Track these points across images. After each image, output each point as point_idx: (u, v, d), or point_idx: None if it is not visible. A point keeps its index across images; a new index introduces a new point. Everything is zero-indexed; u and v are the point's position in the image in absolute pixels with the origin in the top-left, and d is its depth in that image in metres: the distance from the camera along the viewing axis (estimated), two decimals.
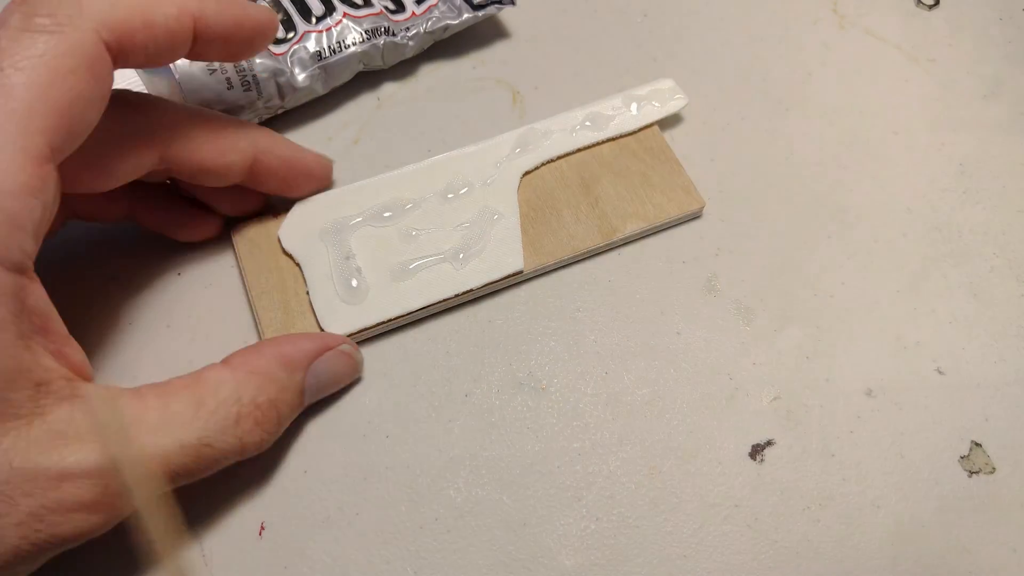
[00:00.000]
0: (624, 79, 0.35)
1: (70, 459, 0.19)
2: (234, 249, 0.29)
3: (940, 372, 0.28)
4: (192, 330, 0.28)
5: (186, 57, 0.24)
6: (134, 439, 0.20)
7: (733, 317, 0.29)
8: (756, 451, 0.27)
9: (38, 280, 0.20)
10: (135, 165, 0.24)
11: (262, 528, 0.25)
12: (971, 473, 0.27)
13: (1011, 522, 0.26)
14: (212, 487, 0.25)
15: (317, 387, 0.25)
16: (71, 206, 0.27)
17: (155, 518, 0.20)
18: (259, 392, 0.23)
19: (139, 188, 0.28)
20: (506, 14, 0.37)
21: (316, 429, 0.27)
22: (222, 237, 0.30)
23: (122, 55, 0.21)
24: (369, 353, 0.28)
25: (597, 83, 0.35)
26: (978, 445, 0.27)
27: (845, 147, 0.34)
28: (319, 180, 0.29)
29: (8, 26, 0.19)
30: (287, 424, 0.24)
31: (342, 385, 0.27)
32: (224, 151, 0.26)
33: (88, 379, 0.21)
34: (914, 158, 0.33)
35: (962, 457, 0.27)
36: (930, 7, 0.38)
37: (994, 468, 0.27)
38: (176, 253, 0.29)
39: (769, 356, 0.28)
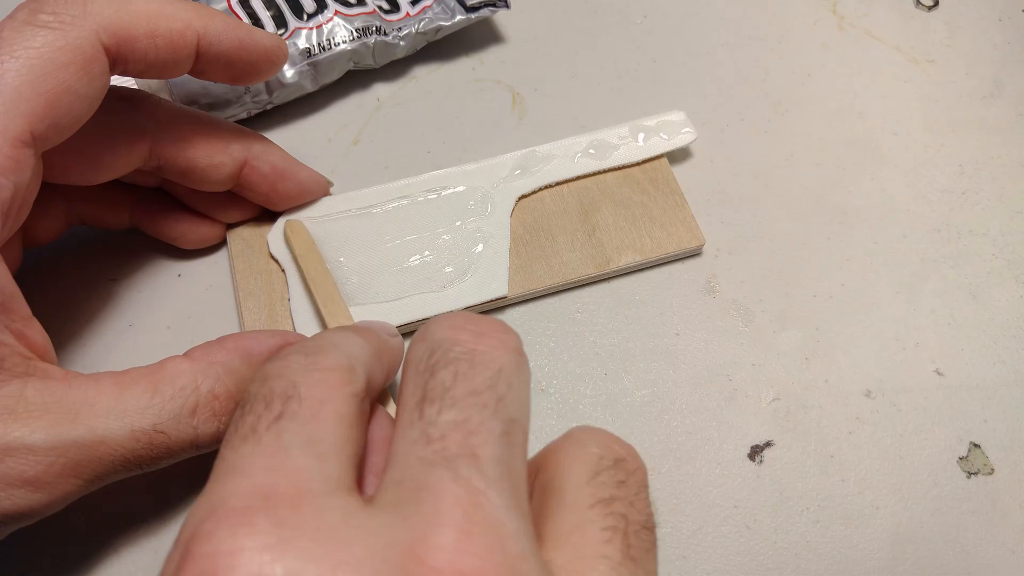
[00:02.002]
0: (624, 80, 0.35)
1: (15, 433, 0.19)
2: (228, 248, 0.29)
3: (939, 373, 0.28)
4: (192, 331, 0.28)
5: (189, 74, 0.24)
6: (83, 421, 0.20)
7: (732, 318, 0.29)
8: (755, 452, 0.27)
9: (0, 258, 0.20)
10: (125, 158, 0.24)
11: None
12: (970, 474, 0.27)
13: (1009, 523, 0.26)
14: None
15: None
16: (76, 212, 0.27)
17: None
18: (217, 383, 0.22)
19: (141, 196, 0.28)
20: (505, 17, 0.37)
21: None
22: (223, 239, 0.30)
23: (121, 60, 0.22)
24: None
25: (597, 84, 0.35)
26: (977, 446, 0.27)
27: (845, 148, 0.34)
28: (312, 196, 0.29)
29: (15, 20, 0.20)
30: None
31: None
32: (214, 152, 0.26)
33: (50, 361, 0.21)
34: (913, 159, 0.34)
35: (961, 458, 0.27)
36: (929, 8, 0.38)
37: (993, 469, 0.27)
38: (177, 255, 0.30)
39: (768, 357, 0.29)
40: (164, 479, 0.25)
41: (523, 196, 0.30)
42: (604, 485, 0.17)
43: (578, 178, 0.31)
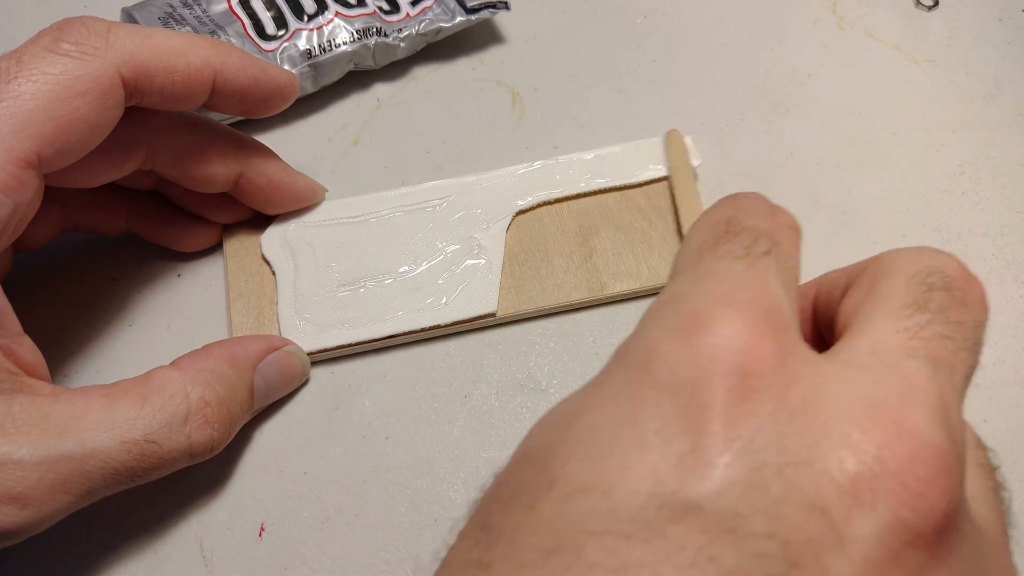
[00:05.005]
0: (624, 80, 0.35)
1: (2, 449, 0.19)
2: (223, 248, 0.29)
3: None
4: (192, 331, 0.28)
5: (203, 106, 0.25)
6: (72, 434, 0.20)
7: None
8: None
9: None
10: (119, 166, 0.25)
11: (262, 529, 0.25)
12: None
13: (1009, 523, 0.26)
14: (212, 488, 0.26)
15: (266, 388, 0.25)
16: (71, 218, 0.27)
17: None
18: (207, 390, 0.23)
19: (137, 201, 0.28)
20: (505, 17, 0.37)
21: (316, 431, 0.27)
22: (219, 242, 0.30)
23: (138, 93, 0.23)
24: (368, 355, 0.28)
25: (597, 84, 0.35)
26: None
27: (845, 148, 0.34)
28: (307, 203, 0.29)
29: (37, 45, 0.21)
30: (238, 425, 0.24)
31: (291, 388, 0.27)
32: (210, 163, 0.26)
33: (41, 378, 0.21)
34: (913, 159, 0.33)
35: None
36: (929, 8, 0.38)
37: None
38: (177, 255, 0.30)
39: None
40: (163, 480, 0.25)
41: (521, 212, 0.30)
42: (922, 302, 0.16)
43: (578, 196, 0.30)
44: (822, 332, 0.19)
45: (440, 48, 0.36)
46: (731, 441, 0.13)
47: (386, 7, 0.34)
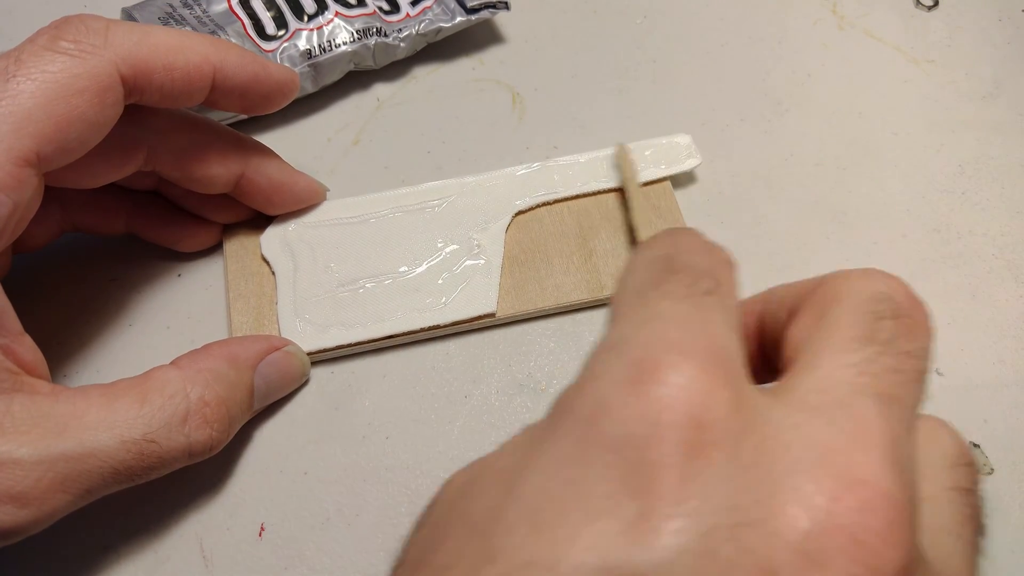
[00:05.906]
0: (624, 80, 0.35)
1: (1, 448, 0.19)
2: (223, 248, 0.29)
3: (939, 373, 0.28)
4: (192, 331, 0.28)
5: (203, 104, 0.25)
6: (72, 434, 0.20)
7: None
8: None
9: None
10: (119, 168, 0.25)
11: (262, 529, 0.25)
12: None
13: (1009, 523, 0.26)
14: (212, 488, 0.26)
15: (266, 388, 0.25)
16: (71, 219, 0.27)
17: None
18: (207, 389, 0.22)
19: (137, 202, 0.28)
20: (505, 17, 0.37)
21: (316, 431, 0.27)
22: (219, 242, 0.30)
23: (137, 90, 0.22)
24: (368, 355, 0.28)
25: (597, 84, 0.35)
26: (977, 446, 0.27)
27: (844, 148, 0.34)
28: (308, 203, 0.29)
29: (35, 43, 0.21)
30: (238, 426, 0.24)
31: (290, 388, 0.27)
32: (211, 164, 0.26)
33: (41, 377, 0.21)
34: (913, 159, 0.33)
35: None
36: (929, 8, 0.38)
37: (992, 469, 0.27)
38: (177, 255, 0.30)
39: None
40: (163, 480, 0.25)
41: (520, 212, 0.30)
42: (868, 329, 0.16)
43: (577, 197, 0.30)
44: (767, 353, 0.19)
45: (440, 48, 0.36)
46: (681, 503, 0.12)
47: (386, 7, 0.34)
